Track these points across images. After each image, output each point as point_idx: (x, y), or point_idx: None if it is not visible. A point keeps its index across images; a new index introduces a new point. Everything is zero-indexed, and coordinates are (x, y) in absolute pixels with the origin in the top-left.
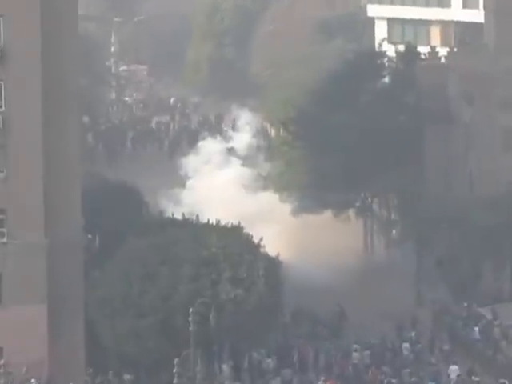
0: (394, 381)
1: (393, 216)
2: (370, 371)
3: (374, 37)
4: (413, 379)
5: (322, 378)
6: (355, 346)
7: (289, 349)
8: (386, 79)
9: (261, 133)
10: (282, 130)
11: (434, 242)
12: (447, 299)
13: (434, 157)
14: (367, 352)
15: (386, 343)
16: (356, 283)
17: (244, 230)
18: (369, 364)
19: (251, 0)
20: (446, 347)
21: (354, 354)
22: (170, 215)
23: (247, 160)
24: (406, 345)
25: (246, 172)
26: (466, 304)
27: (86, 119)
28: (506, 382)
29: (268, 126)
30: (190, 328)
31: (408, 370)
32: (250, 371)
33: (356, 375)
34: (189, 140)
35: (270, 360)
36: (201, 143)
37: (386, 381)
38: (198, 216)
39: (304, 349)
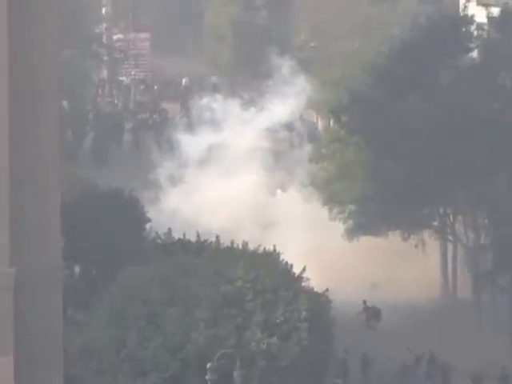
0: None
1: (483, 240)
2: None
3: None
4: None
5: None
6: None
7: None
8: (475, 53)
9: (303, 124)
10: (332, 121)
11: None
12: None
13: None
14: None
15: None
16: (432, 330)
17: (281, 258)
18: None
19: None
20: None
21: None
22: (181, 236)
23: (281, 158)
24: None
25: (278, 174)
26: None
27: (66, 105)
28: None
29: (314, 114)
30: None
31: None
32: None
33: None
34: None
35: None
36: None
37: None
38: (218, 237)
39: None
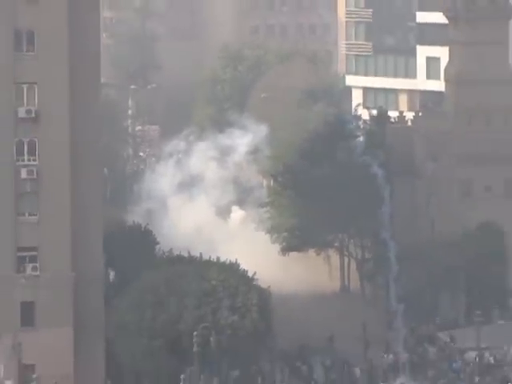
0: None
1: (366, 255)
2: None
3: (351, 102)
4: None
5: None
6: None
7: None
8: (361, 138)
9: (256, 184)
10: (272, 182)
11: (401, 277)
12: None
13: (401, 204)
14: None
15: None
16: (334, 310)
17: (240, 266)
18: None
19: (246, 72)
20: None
21: None
22: (179, 252)
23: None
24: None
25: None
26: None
27: (106, 171)
28: None
29: (261, 178)
30: (194, 348)
31: None
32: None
33: None
34: None
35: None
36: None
37: None
38: (201, 254)
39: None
